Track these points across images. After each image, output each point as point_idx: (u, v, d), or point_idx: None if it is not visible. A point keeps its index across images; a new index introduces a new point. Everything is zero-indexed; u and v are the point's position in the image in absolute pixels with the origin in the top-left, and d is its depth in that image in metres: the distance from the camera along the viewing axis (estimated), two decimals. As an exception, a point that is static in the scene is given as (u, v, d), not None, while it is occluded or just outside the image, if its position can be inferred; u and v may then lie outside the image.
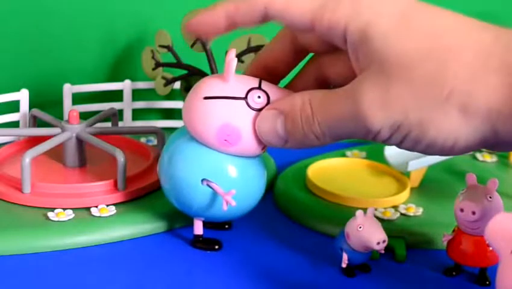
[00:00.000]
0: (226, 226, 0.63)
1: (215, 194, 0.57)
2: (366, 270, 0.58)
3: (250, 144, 0.56)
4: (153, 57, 0.76)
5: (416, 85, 0.47)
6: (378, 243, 0.55)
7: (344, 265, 0.57)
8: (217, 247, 0.60)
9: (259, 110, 0.55)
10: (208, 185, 0.57)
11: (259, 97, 0.56)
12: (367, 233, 0.55)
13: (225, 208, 0.57)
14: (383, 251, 0.56)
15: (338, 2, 0.50)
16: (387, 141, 0.50)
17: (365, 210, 0.56)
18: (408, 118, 0.48)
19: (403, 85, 0.48)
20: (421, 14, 0.49)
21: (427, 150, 0.49)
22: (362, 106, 0.49)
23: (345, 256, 0.57)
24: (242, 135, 0.56)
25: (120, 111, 0.79)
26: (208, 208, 0.58)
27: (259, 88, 0.56)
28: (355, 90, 0.49)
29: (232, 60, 0.55)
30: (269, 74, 0.57)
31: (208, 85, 0.56)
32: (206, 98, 0.56)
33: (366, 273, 0.58)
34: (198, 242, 0.61)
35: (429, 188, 0.70)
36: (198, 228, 0.61)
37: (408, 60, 0.48)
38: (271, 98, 0.56)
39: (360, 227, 0.56)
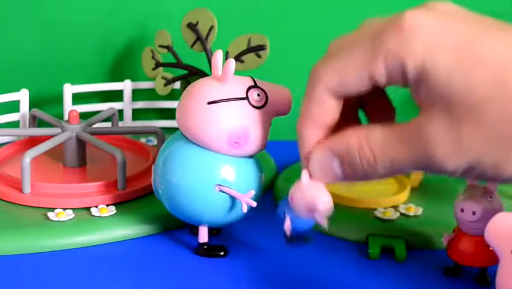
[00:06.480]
0: (214, 232, 0.62)
1: (214, 198, 0.56)
2: (306, 241, 0.55)
3: (256, 144, 0.56)
4: (153, 57, 0.76)
5: (488, 127, 0.46)
6: (323, 203, 0.52)
7: (287, 232, 0.54)
8: (222, 253, 0.59)
9: (261, 108, 0.55)
10: (221, 190, 0.56)
11: (258, 95, 0.56)
12: (312, 192, 0.52)
13: (245, 210, 0.56)
14: (325, 224, 0.53)
15: (384, 42, 0.48)
16: (461, 178, 0.49)
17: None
18: (482, 160, 0.47)
19: (474, 126, 0.46)
20: (480, 44, 0.47)
21: (504, 183, 0.49)
22: (434, 151, 0.47)
23: (288, 222, 0.54)
24: (250, 136, 0.56)
25: (120, 111, 0.79)
26: (208, 213, 0.57)
27: (256, 86, 0.56)
28: (423, 133, 0.48)
29: (232, 61, 0.55)
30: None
31: (208, 89, 0.55)
32: (210, 103, 0.55)
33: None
34: (203, 250, 0.59)
35: (429, 188, 0.70)
36: (203, 236, 0.59)
37: (476, 99, 0.46)
38: (269, 95, 0.56)
39: (305, 188, 0.52)
